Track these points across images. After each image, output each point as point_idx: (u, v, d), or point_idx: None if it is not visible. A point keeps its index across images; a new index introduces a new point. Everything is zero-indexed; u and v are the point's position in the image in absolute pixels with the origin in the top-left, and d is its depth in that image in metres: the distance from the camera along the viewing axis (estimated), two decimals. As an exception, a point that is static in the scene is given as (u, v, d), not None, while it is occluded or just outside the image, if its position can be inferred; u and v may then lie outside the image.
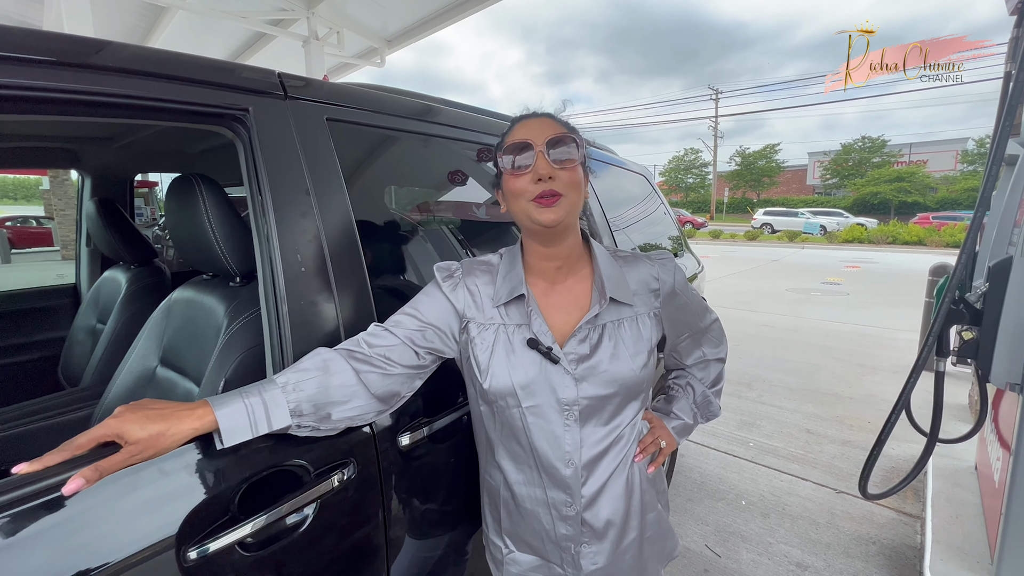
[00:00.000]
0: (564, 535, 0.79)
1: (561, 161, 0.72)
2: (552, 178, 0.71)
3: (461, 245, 1.52)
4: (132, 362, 1.19)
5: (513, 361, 0.76)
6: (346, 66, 7.05)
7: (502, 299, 0.78)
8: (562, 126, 0.76)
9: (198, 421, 0.59)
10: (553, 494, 0.78)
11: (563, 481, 0.76)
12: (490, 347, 0.77)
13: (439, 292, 0.81)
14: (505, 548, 0.84)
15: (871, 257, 13.47)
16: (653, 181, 2.78)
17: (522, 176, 0.73)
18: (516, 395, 0.75)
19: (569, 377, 0.75)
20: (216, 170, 1.94)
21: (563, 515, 0.78)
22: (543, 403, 0.75)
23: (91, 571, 0.55)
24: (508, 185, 0.75)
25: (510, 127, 0.78)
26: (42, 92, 0.61)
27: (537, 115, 0.77)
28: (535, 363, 0.75)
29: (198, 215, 0.96)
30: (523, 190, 0.73)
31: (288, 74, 0.91)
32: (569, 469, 0.76)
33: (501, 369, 0.75)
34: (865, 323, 5.77)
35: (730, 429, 3.06)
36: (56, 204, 11.42)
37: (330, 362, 0.71)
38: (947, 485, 2.23)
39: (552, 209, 0.72)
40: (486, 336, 0.78)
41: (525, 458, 0.78)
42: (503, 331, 0.78)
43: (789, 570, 1.86)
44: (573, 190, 0.73)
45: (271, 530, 0.70)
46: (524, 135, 0.73)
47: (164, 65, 0.72)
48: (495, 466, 0.83)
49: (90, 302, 1.77)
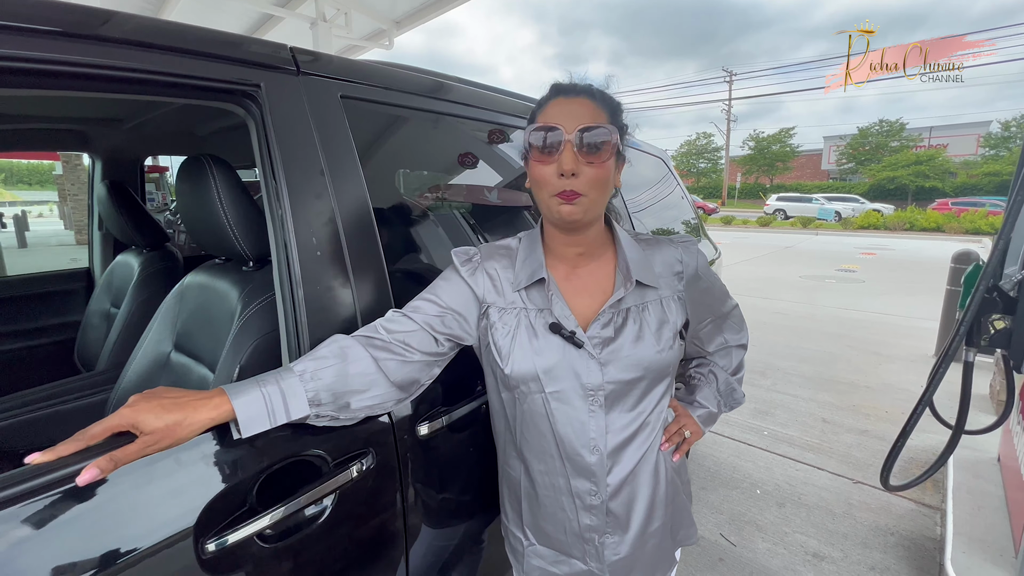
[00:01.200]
0: (588, 525, 0.76)
1: (591, 156, 0.66)
2: (576, 174, 0.66)
3: (477, 228, 1.48)
4: (146, 347, 1.18)
5: (536, 346, 0.73)
6: (354, 48, 6.94)
7: (522, 283, 0.75)
8: (601, 110, 0.69)
9: (215, 411, 0.56)
10: (577, 483, 0.75)
11: (588, 469, 0.74)
12: (511, 331, 0.74)
13: (458, 277, 0.78)
14: (526, 540, 0.82)
15: (887, 244, 13.21)
16: (670, 164, 2.71)
17: (547, 164, 0.68)
18: (539, 380, 0.72)
19: (594, 361, 0.72)
20: (227, 152, 1.92)
21: (587, 505, 0.75)
22: (567, 388, 0.72)
23: (108, 563, 0.53)
24: (532, 169, 0.71)
25: (547, 99, 0.72)
26: (44, 64, 0.58)
27: (577, 91, 0.70)
28: (558, 348, 0.72)
29: (210, 197, 0.93)
30: (546, 181, 0.68)
31: (300, 48, 0.87)
32: (594, 456, 0.73)
33: (523, 354, 0.73)
34: (881, 311, 5.66)
35: (744, 417, 3.03)
36: (69, 189, 11.50)
37: (348, 349, 0.68)
38: (968, 477, 2.18)
39: (572, 207, 0.68)
40: (507, 320, 0.75)
41: (548, 446, 0.75)
42: (524, 315, 0.75)
43: (806, 560, 1.84)
44: (597, 188, 0.68)
45: (290, 521, 0.68)
46: (556, 117, 0.67)
47: (172, 37, 0.69)
48: (516, 456, 0.81)
49: (104, 286, 1.77)
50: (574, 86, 0.72)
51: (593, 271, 0.79)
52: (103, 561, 0.53)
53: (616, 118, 0.71)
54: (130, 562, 0.54)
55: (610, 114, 0.70)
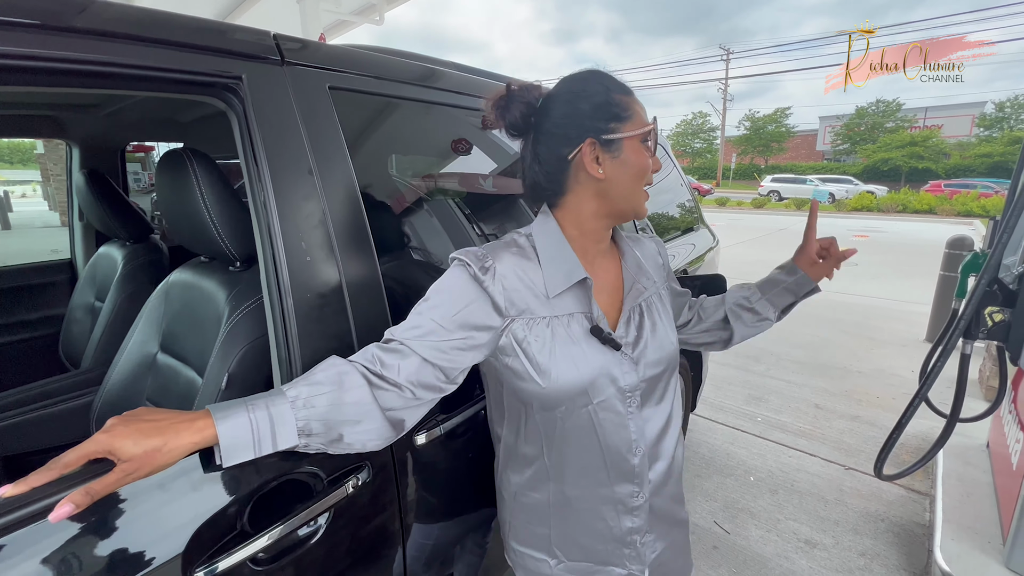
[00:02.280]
0: (629, 528, 0.76)
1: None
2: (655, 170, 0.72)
3: (472, 219, 1.44)
4: (131, 348, 1.14)
5: (574, 355, 0.68)
6: (343, 23, 6.71)
7: (559, 287, 0.69)
8: None
9: (198, 435, 0.52)
10: (620, 489, 0.74)
11: (631, 472, 0.73)
12: (547, 344, 0.67)
13: (474, 287, 0.67)
14: (553, 560, 0.78)
15: (880, 226, 13.26)
16: (668, 148, 2.65)
17: (649, 158, 0.71)
18: (587, 393, 0.68)
19: (628, 361, 0.71)
20: (213, 140, 1.84)
21: (629, 508, 0.75)
22: (609, 395, 0.70)
23: (92, 596, 0.50)
24: (641, 160, 0.70)
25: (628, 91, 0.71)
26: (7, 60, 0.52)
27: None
28: (597, 353, 0.69)
29: (192, 195, 0.88)
30: (646, 174, 0.71)
31: (285, 36, 0.81)
32: (637, 457, 0.73)
33: (567, 366, 0.67)
34: (873, 295, 5.70)
35: (738, 403, 3.05)
36: (52, 169, 11.19)
37: (345, 376, 0.62)
38: (958, 464, 2.21)
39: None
40: (540, 332, 0.68)
41: (592, 459, 0.72)
42: (557, 323, 0.69)
43: (798, 547, 1.87)
44: None
45: (283, 543, 0.66)
46: (648, 118, 0.71)
47: (143, 27, 0.63)
48: (544, 479, 0.75)
49: (87, 279, 1.71)
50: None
51: (607, 268, 0.78)
52: (86, 594, 0.50)
53: None
54: (115, 594, 0.52)
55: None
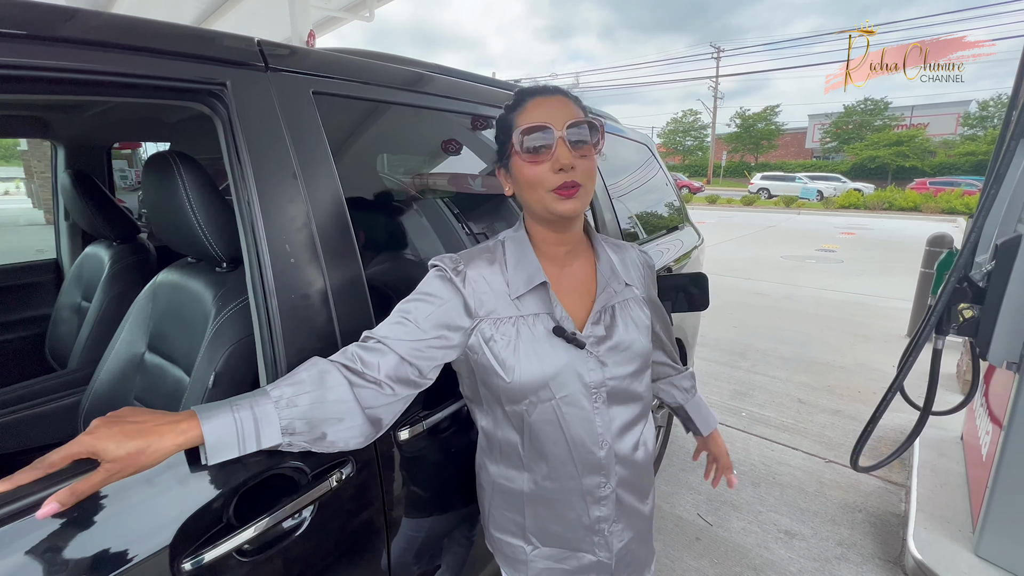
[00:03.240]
0: (598, 517, 0.79)
1: (581, 148, 0.69)
2: (574, 168, 0.68)
3: (461, 218, 1.46)
4: (119, 347, 1.15)
5: (539, 352, 0.72)
6: (332, 20, 6.67)
7: (520, 290, 0.74)
8: (579, 108, 0.72)
9: (181, 436, 0.54)
10: (587, 480, 0.77)
11: (597, 464, 0.76)
12: (512, 342, 0.72)
13: (443, 291, 0.73)
14: (529, 546, 0.82)
15: (866, 223, 13.45)
16: (654, 149, 2.69)
17: (540, 164, 0.69)
18: (549, 387, 0.72)
19: (593, 359, 0.74)
20: (200, 140, 1.84)
21: (597, 497, 0.78)
22: (574, 391, 0.74)
23: (82, 586, 0.53)
24: (522, 172, 0.70)
25: (520, 102, 0.71)
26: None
27: (550, 91, 0.72)
28: (561, 351, 0.73)
29: (178, 198, 0.89)
30: (541, 180, 0.69)
31: (269, 42, 0.83)
32: (603, 451, 0.76)
33: (529, 363, 0.71)
34: (858, 291, 5.81)
35: (723, 399, 3.11)
36: (36, 166, 11.01)
37: (326, 375, 0.65)
38: (933, 455, 2.28)
39: (573, 200, 0.70)
40: (505, 331, 0.73)
41: (559, 451, 0.76)
42: (522, 323, 0.73)
43: (778, 537, 1.92)
44: (591, 179, 0.72)
45: (268, 535, 0.68)
46: (542, 116, 0.68)
47: (128, 35, 0.65)
48: (518, 467, 0.79)
49: (73, 279, 1.71)
50: (545, 87, 0.73)
51: (577, 271, 0.80)
52: (76, 585, 0.52)
53: (597, 117, 0.74)
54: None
55: (584, 111, 0.73)
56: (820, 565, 1.79)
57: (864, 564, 1.80)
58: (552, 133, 0.67)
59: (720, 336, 4.25)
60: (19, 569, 0.50)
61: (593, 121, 0.71)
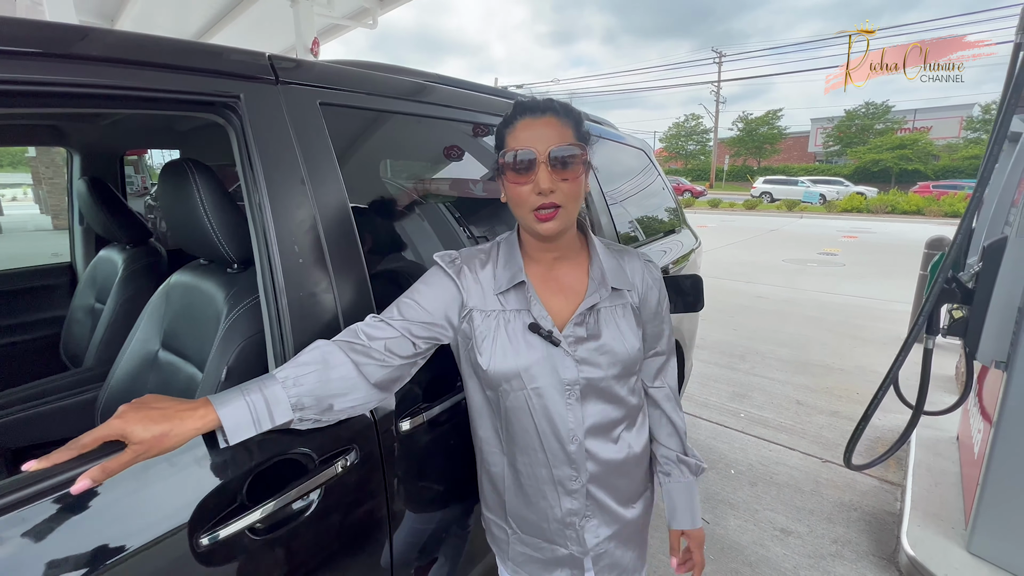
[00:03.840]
0: (569, 510, 0.82)
1: (564, 171, 0.72)
2: (554, 191, 0.71)
3: (459, 223, 1.51)
4: (134, 345, 1.20)
5: (515, 346, 0.77)
6: (336, 28, 6.77)
7: (503, 286, 0.79)
8: (569, 126, 0.74)
9: (200, 421, 0.60)
10: (558, 471, 0.81)
11: (568, 458, 0.80)
12: (492, 334, 0.78)
13: (442, 281, 0.81)
14: (509, 530, 0.87)
15: (869, 227, 13.45)
16: (652, 155, 2.74)
17: (523, 184, 0.72)
18: (520, 377, 0.77)
19: (569, 358, 0.77)
20: (210, 147, 1.91)
21: (568, 490, 0.81)
22: (546, 384, 0.77)
23: (106, 557, 0.57)
24: (509, 190, 0.75)
25: (512, 119, 0.75)
26: (16, 86, 0.59)
27: (541, 110, 0.74)
28: (537, 346, 0.77)
29: (192, 202, 0.95)
30: (523, 200, 0.73)
31: (279, 56, 0.89)
32: (573, 445, 0.79)
33: (504, 354, 0.77)
34: (859, 294, 5.82)
35: (722, 400, 3.14)
36: (43, 172, 11.18)
37: (329, 355, 0.72)
38: (929, 455, 2.31)
39: (552, 222, 0.73)
40: (488, 323, 0.79)
41: (531, 439, 0.80)
42: (503, 317, 0.79)
43: (773, 535, 1.95)
44: (573, 200, 0.74)
45: (278, 516, 0.73)
46: (527, 141, 0.72)
47: (147, 52, 0.70)
48: (499, 451, 0.85)
49: (87, 281, 1.77)
50: (537, 103, 0.76)
51: (567, 273, 0.83)
52: (101, 555, 0.57)
53: (580, 130, 0.76)
54: (126, 557, 0.59)
55: (575, 128, 0.75)
56: (815, 562, 1.81)
57: (858, 561, 1.82)
58: (534, 157, 0.70)
59: (719, 339, 4.28)
60: (58, 537, 0.55)
61: (579, 144, 0.73)
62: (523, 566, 0.88)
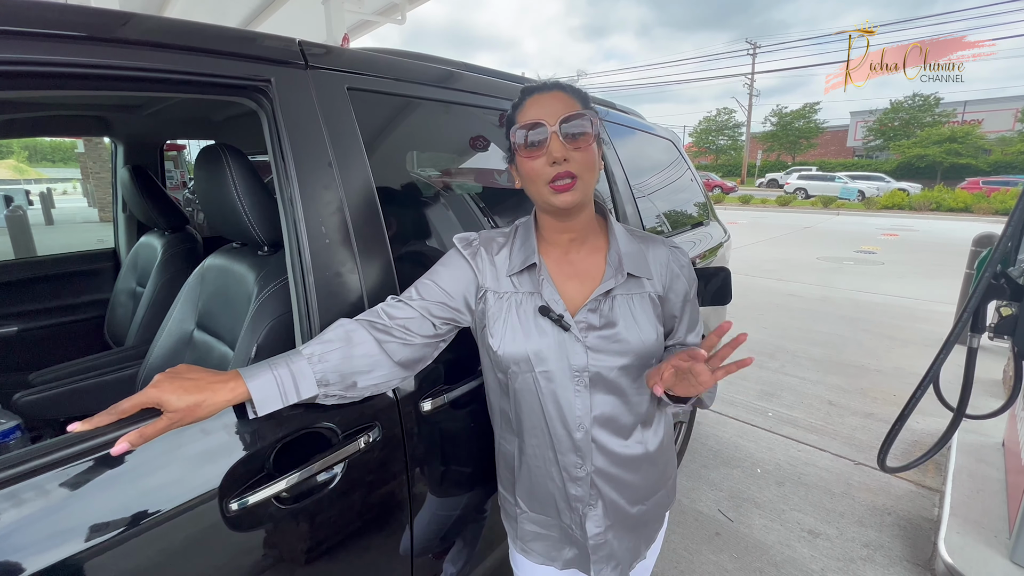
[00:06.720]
0: (574, 495, 0.82)
1: (576, 141, 0.71)
2: (567, 159, 0.71)
3: (483, 212, 1.51)
4: (171, 325, 1.26)
5: (525, 328, 0.78)
6: (366, 23, 6.87)
7: (515, 268, 0.80)
8: (576, 100, 0.74)
9: (231, 393, 0.62)
10: (564, 457, 0.80)
11: (574, 444, 0.79)
12: (503, 315, 0.79)
13: (458, 262, 0.83)
14: (520, 508, 0.89)
15: (911, 225, 12.84)
16: (681, 146, 2.69)
17: (537, 158, 0.72)
18: (529, 360, 0.77)
19: (580, 345, 0.76)
20: (242, 137, 1.97)
21: (573, 476, 0.81)
22: (555, 369, 0.77)
23: (142, 518, 0.60)
24: (523, 167, 0.75)
25: (520, 101, 0.76)
26: (62, 68, 0.62)
27: (548, 88, 0.75)
28: (548, 330, 0.77)
29: (226, 186, 0.98)
30: (538, 173, 0.72)
31: (308, 42, 0.91)
32: (579, 433, 0.78)
33: (514, 336, 0.77)
34: (899, 294, 5.57)
35: (749, 399, 3.06)
36: (91, 167, 11.76)
37: (352, 333, 0.74)
38: (971, 460, 2.20)
39: (569, 193, 0.72)
40: (501, 305, 0.80)
41: (538, 422, 0.80)
42: (515, 299, 0.79)
43: (800, 536, 1.90)
44: (588, 170, 0.73)
45: (303, 486, 0.75)
46: (536, 113, 0.72)
47: (185, 36, 0.73)
48: (510, 431, 0.86)
49: (129, 266, 1.86)
50: (544, 83, 0.76)
51: (584, 258, 0.82)
52: (139, 513, 0.60)
53: (588, 104, 0.75)
54: (160, 519, 0.62)
55: (582, 103, 0.74)
56: (844, 565, 1.76)
57: (891, 566, 1.76)
58: (545, 128, 0.71)
59: (749, 337, 4.16)
60: (99, 491, 0.58)
61: (587, 113, 0.72)
62: (531, 543, 0.89)
